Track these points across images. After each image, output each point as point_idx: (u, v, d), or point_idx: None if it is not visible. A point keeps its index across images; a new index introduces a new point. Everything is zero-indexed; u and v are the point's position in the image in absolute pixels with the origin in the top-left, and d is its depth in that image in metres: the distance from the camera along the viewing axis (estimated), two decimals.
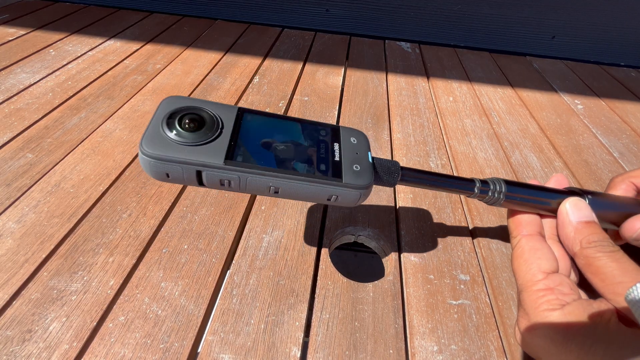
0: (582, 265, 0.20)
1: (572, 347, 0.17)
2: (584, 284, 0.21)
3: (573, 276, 0.22)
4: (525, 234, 0.23)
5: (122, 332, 0.22)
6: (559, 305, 0.19)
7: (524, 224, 0.23)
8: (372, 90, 0.52)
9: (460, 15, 0.72)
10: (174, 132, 0.18)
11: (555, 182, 0.26)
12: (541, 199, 0.23)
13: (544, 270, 0.20)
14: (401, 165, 0.22)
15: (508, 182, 0.23)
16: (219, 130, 0.19)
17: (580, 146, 0.45)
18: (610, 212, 0.24)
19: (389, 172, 0.22)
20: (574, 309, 0.18)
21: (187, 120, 0.18)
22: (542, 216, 0.24)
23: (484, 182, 0.23)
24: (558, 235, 0.23)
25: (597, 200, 0.24)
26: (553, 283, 0.20)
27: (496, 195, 0.23)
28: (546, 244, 0.22)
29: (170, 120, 0.18)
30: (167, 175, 0.18)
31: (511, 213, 0.25)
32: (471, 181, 0.23)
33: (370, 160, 0.21)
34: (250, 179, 0.18)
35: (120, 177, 0.33)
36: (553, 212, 0.24)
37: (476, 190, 0.23)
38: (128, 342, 0.21)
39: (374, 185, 0.21)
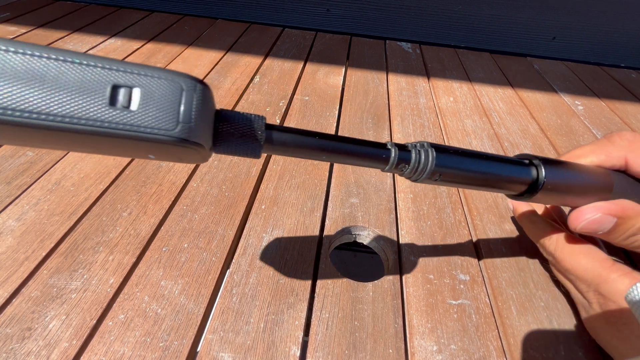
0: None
1: None
2: None
3: None
4: (562, 234, 0.22)
5: (122, 331, 0.22)
6: None
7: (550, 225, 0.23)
8: (373, 90, 0.52)
9: (460, 15, 0.72)
10: None
11: None
12: (486, 171, 0.18)
13: (605, 259, 0.20)
14: (268, 122, 0.15)
15: (439, 149, 0.17)
16: None
17: None
18: (572, 185, 0.20)
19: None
20: None
21: None
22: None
23: (404, 149, 0.17)
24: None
25: (555, 170, 0.20)
26: (625, 270, 0.20)
27: (421, 167, 0.17)
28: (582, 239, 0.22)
29: None
30: None
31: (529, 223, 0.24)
32: (384, 147, 0.17)
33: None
34: None
35: (120, 175, 0.33)
36: (502, 187, 0.19)
37: (391, 161, 0.17)
38: (128, 340, 0.21)
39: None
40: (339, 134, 0.42)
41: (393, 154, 0.17)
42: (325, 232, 0.30)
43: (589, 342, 0.24)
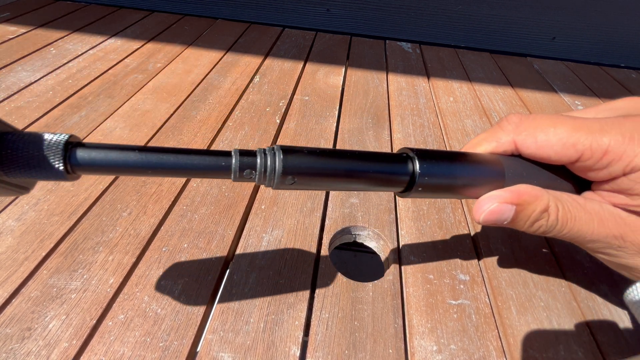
0: None
1: None
2: None
3: None
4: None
5: (122, 331, 0.22)
6: None
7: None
8: (373, 90, 0.52)
9: (460, 15, 0.72)
10: None
11: None
12: (350, 170, 0.17)
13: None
14: (76, 140, 0.14)
15: (287, 151, 0.16)
16: None
17: None
18: (455, 175, 0.19)
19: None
20: None
21: None
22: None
23: (249, 154, 0.16)
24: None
25: (432, 162, 0.18)
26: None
27: (269, 171, 0.16)
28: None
29: None
30: None
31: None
32: (225, 155, 0.16)
33: None
34: None
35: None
36: (376, 185, 0.18)
37: (234, 168, 0.16)
38: (127, 340, 0.21)
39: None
40: (339, 133, 0.42)
41: (234, 161, 0.16)
42: (325, 232, 0.30)
43: (588, 342, 0.24)
